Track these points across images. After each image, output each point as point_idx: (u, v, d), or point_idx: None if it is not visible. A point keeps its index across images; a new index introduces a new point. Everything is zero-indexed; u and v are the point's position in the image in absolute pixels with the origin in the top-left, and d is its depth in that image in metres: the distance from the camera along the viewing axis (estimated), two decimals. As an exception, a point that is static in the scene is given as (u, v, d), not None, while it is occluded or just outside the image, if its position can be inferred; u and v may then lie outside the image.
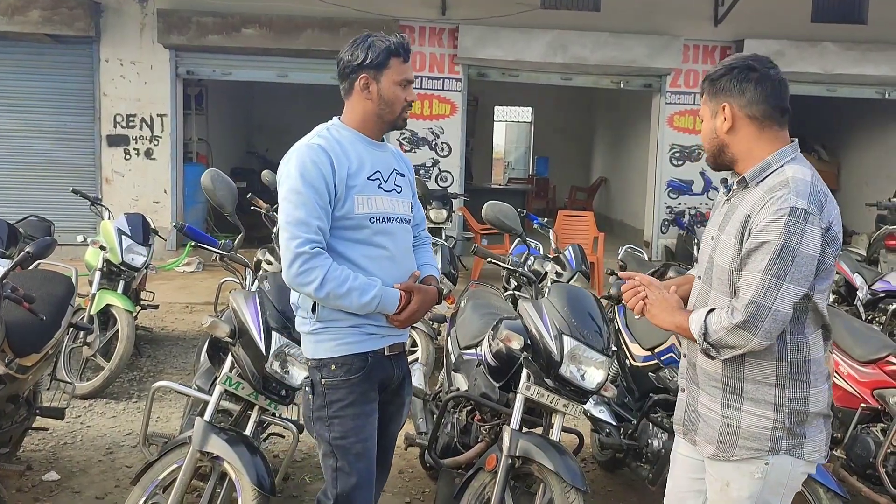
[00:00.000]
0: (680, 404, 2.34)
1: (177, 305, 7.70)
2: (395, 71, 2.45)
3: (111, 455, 4.20)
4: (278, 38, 9.82)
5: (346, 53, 2.46)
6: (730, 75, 2.09)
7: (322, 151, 2.37)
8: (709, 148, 2.18)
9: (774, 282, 1.93)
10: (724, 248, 2.09)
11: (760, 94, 2.06)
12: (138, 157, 10.19)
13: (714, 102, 2.12)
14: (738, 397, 2.11)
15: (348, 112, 2.53)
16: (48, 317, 3.44)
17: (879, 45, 10.42)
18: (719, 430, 2.14)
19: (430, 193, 8.81)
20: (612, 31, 10.29)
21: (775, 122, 2.08)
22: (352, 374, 2.44)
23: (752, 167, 2.08)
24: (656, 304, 2.22)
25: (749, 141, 2.09)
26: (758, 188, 2.05)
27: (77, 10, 9.62)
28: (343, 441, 2.44)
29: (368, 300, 2.37)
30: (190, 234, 3.27)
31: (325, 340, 2.44)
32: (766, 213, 1.96)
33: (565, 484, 2.71)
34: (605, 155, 16.13)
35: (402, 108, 2.50)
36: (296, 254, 2.31)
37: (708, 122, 2.16)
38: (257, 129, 16.08)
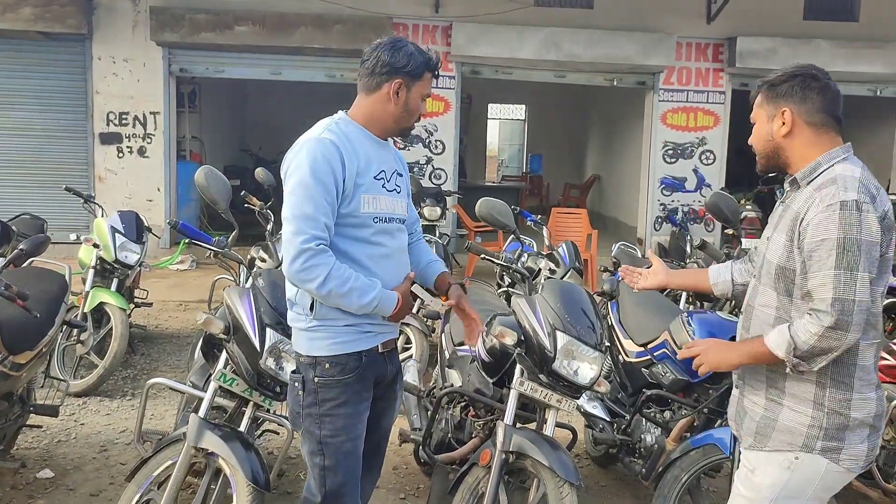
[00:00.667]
0: (733, 401, 2.38)
1: (171, 303, 7.69)
2: (425, 84, 2.48)
3: (105, 452, 4.20)
4: (271, 36, 9.81)
5: (385, 53, 2.43)
6: (792, 82, 2.15)
7: (333, 147, 2.35)
8: (762, 150, 2.24)
9: (849, 275, 1.96)
10: (775, 245, 2.15)
11: (821, 103, 2.13)
12: (131, 154, 10.16)
13: (772, 106, 2.18)
14: (779, 392, 2.16)
15: (362, 108, 2.50)
16: (42, 314, 3.44)
17: (871, 42, 10.47)
18: (758, 423, 2.20)
19: (424, 191, 8.82)
20: (605, 28, 10.31)
21: (832, 129, 2.16)
22: (346, 373, 2.42)
23: (803, 168, 2.15)
24: (710, 351, 2.25)
25: (805, 146, 2.15)
26: (808, 187, 2.11)
27: (69, 7, 9.59)
28: (333, 439, 2.43)
29: (368, 301, 2.36)
30: (184, 232, 3.27)
31: (320, 338, 2.42)
32: (816, 211, 2.01)
33: (559, 478, 2.72)
34: (598, 152, 16.15)
35: (415, 119, 2.54)
36: (301, 249, 2.28)
37: (763, 126, 2.21)
38: (251, 127, 16.06)
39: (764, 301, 2.19)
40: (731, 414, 2.39)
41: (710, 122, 10.87)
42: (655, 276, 2.72)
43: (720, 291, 2.58)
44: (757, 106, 2.24)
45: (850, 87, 10.96)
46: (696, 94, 10.81)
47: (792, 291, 2.11)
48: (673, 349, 3.56)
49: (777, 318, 2.15)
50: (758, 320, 2.22)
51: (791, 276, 2.10)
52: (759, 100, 2.23)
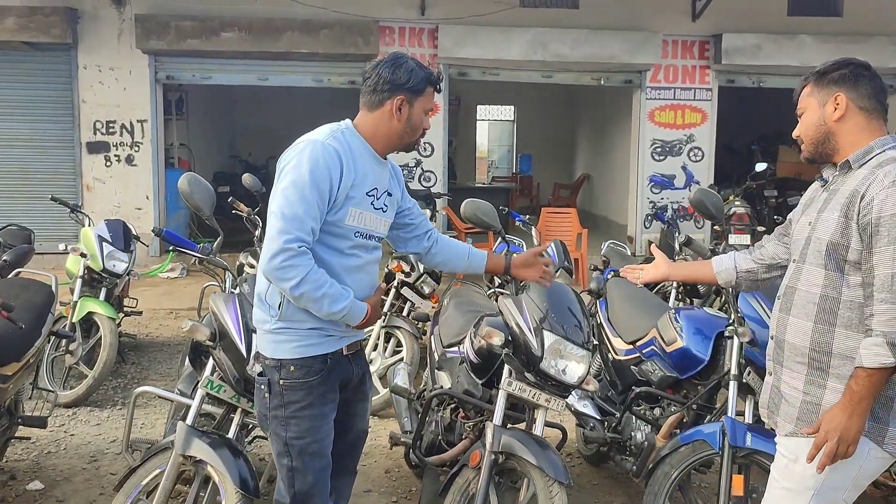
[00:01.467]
0: (766, 387, 2.37)
1: (161, 311, 7.66)
2: (427, 99, 2.51)
3: (95, 463, 4.18)
4: (258, 42, 9.79)
5: (386, 70, 2.46)
6: (845, 70, 2.21)
7: (336, 155, 2.36)
8: (813, 136, 2.25)
9: None
10: (825, 224, 2.15)
11: (872, 90, 2.20)
12: (119, 163, 10.13)
13: (824, 93, 2.22)
14: (823, 373, 2.14)
15: (366, 123, 2.51)
16: (27, 325, 3.42)
17: (855, 36, 10.52)
18: (799, 408, 2.18)
19: (414, 194, 8.74)
20: (591, 28, 10.33)
21: (881, 117, 2.21)
22: (311, 375, 2.44)
23: (856, 152, 2.17)
24: (836, 431, 2.03)
25: (856, 131, 2.18)
26: (862, 169, 2.13)
27: (53, 16, 9.55)
28: (300, 441, 2.45)
29: (337, 310, 2.38)
30: (168, 239, 3.26)
31: (284, 341, 2.44)
32: (880, 186, 2.02)
33: (548, 478, 2.72)
34: (587, 152, 16.19)
35: (420, 134, 2.56)
36: (282, 248, 2.28)
37: (815, 112, 2.24)
38: (240, 133, 16.03)
39: (810, 280, 2.18)
40: (762, 401, 2.38)
41: (697, 119, 10.90)
42: (658, 269, 2.78)
43: (724, 280, 2.61)
44: (806, 95, 2.27)
45: (835, 81, 11.02)
46: (683, 91, 10.85)
47: (843, 267, 2.11)
48: (661, 346, 3.57)
49: (822, 297, 2.14)
50: (801, 300, 2.20)
51: (843, 251, 2.10)
52: (807, 90, 2.28)
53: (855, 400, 2.02)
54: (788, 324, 2.23)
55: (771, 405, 2.32)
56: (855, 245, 2.08)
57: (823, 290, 2.14)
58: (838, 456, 2.03)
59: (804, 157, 2.31)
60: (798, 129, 2.30)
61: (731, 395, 3.09)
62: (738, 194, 9.42)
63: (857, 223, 2.06)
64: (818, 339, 2.14)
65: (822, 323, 2.14)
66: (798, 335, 2.19)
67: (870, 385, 2.00)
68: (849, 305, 2.10)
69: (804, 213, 2.32)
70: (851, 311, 2.10)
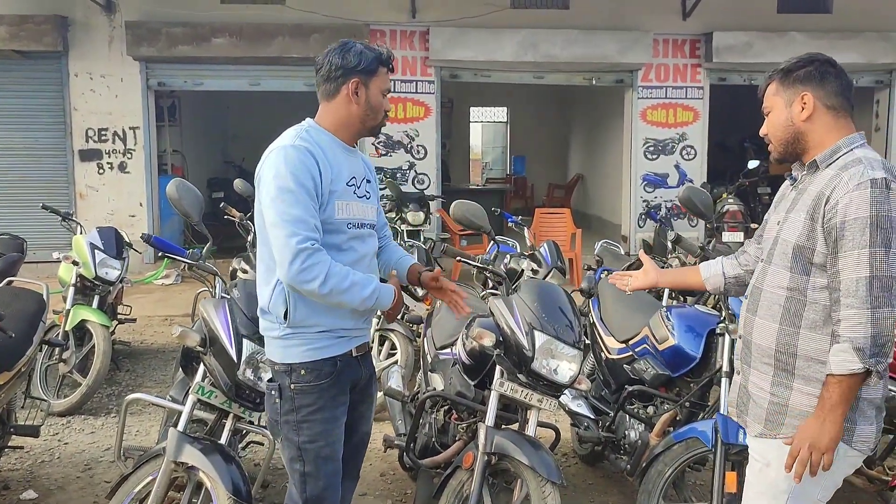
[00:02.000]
0: (734, 386, 2.36)
1: (156, 318, 7.65)
2: (382, 79, 2.49)
3: (90, 471, 4.17)
4: (249, 47, 9.79)
5: (336, 56, 2.46)
6: (810, 67, 2.16)
7: (308, 154, 2.36)
8: (782, 136, 2.20)
9: (885, 252, 1.96)
10: (792, 225, 2.12)
11: (839, 87, 2.14)
12: (112, 170, 10.12)
13: (790, 92, 2.17)
14: (789, 374, 2.13)
15: (327, 114, 2.51)
16: (18, 334, 3.41)
17: (845, 33, 10.55)
18: (766, 409, 2.17)
19: (407, 196, 8.82)
20: (581, 28, 10.35)
21: (847, 114, 2.16)
22: (321, 378, 2.43)
23: (823, 151, 2.13)
24: (809, 441, 2.02)
25: (824, 130, 2.14)
26: (829, 169, 2.09)
27: (44, 25, 9.55)
28: (312, 445, 2.44)
29: (369, 294, 2.37)
30: (157, 245, 3.25)
31: (294, 346, 2.42)
32: (845, 189, 1.99)
33: (541, 478, 2.72)
34: (580, 152, 16.20)
35: (382, 115, 2.54)
36: (298, 250, 2.26)
37: (782, 112, 2.19)
38: (233, 139, 15.99)
39: (775, 282, 2.16)
40: (731, 399, 2.36)
41: (689, 118, 10.92)
42: (647, 276, 2.71)
43: (713, 286, 2.57)
44: (772, 94, 2.22)
45: (826, 78, 11.06)
46: (674, 90, 10.86)
47: (809, 270, 2.09)
48: (654, 344, 3.57)
49: (788, 298, 2.12)
50: (767, 301, 2.19)
51: (809, 254, 2.08)
52: (772, 88, 2.22)
53: (826, 408, 2.00)
54: (755, 324, 2.22)
55: (739, 404, 2.30)
56: (820, 248, 2.05)
57: (789, 291, 2.13)
58: (813, 465, 2.01)
59: (773, 157, 2.27)
60: (765, 128, 2.25)
61: (723, 392, 3.09)
62: (731, 192, 9.43)
63: (822, 226, 2.04)
64: (783, 340, 2.13)
65: (788, 325, 2.13)
66: (764, 336, 2.18)
67: (840, 392, 1.99)
68: (814, 307, 2.09)
69: (775, 211, 2.30)
70: (816, 314, 2.08)
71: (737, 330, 3.05)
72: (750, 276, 2.41)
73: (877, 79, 11.13)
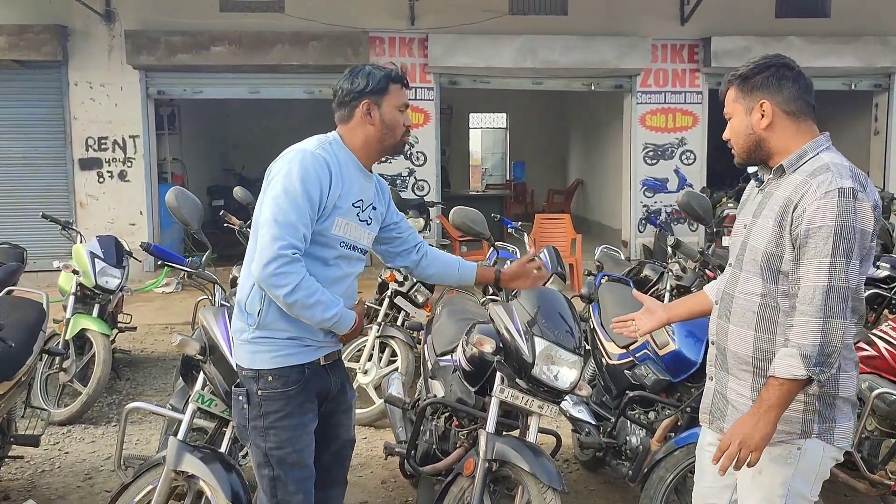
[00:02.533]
0: (707, 393, 2.35)
1: (156, 327, 7.64)
2: (395, 96, 2.52)
3: (90, 480, 4.16)
4: (248, 55, 9.81)
5: (346, 82, 2.51)
6: (766, 73, 2.14)
7: (325, 164, 2.40)
8: (744, 144, 2.20)
9: (845, 262, 1.96)
10: (759, 231, 2.12)
11: (797, 91, 2.13)
12: (112, 179, 10.13)
13: (749, 99, 2.16)
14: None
15: (349, 136, 2.55)
16: (18, 343, 3.41)
17: (843, 37, 10.58)
18: None
19: (407, 203, 8.81)
20: (580, 34, 10.38)
21: (809, 118, 2.15)
22: (289, 385, 2.45)
23: (789, 156, 2.13)
24: (741, 437, 2.03)
25: (787, 136, 2.13)
26: (796, 174, 2.09)
27: (44, 34, 9.57)
28: (279, 451, 2.46)
29: (329, 317, 2.40)
30: (156, 254, 3.26)
31: (262, 351, 2.45)
32: (813, 197, 1.99)
33: (542, 485, 2.71)
34: (580, 157, 16.22)
35: (402, 132, 2.56)
36: (277, 254, 2.29)
37: (742, 119, 2.18)
38: (233, 147, 16.02)
39: (748, 288, 2.16)
40: (704, 406, 2.35)
41: (688, 123, 10.94)
42: (654, 317, 2.58)
43: None
44: (731, 101, 2.21)
45: (824, 81, 11.07)
46: (673, 95, 10.88)
47: (777, 278, 2.09)
48: (654, 350, 3.57)
49: (762, 305, 2.12)
50: (740, 308, 2.18)
51: (777, 262, 2.08)
52: (732, 94, 2.21)
53: (763, 407, 2.02)
54: (729, 332, 2.21)
55: (714, 410, 2.29)
56: (788, 255, 2.06)
57: (762, 298, 2.13)
58: (740, 461, 2.02)
59: (737, 162, 2.27)
60: (727, 133, 2.24)
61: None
62: (730, 196, 9.44)
63: (790, 233, 2.04)
64: (760, 347, 2.14)
65: (763, 332, 2.13)
66: (740, 344, 2.18)
67: (779, 394, 2.00)
68: (787, 314, 2.09)
69: (741, 213, 2.29)
70: (790, 319, 2.07)
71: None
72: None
73: (875, 82, 11.15)
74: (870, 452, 3.45)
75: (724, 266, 2.42)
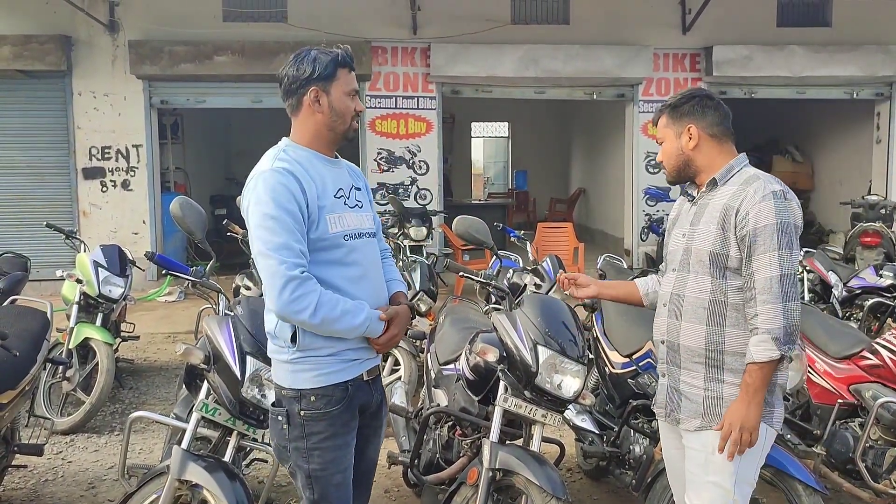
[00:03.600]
0: (661, 389, 2.57)
1: (159, 336, 7.65)
2: (343, 82, 2.42)
3: (93, 490, 4.16)
4: (251, 65, 9.84)
5: (291, 69, 2.42)
6: (692, 102, 2.49)
7: (289, 174, 2.30)
8: (674, 164, 2.53)
9: (789, 253, 2.28)
10: (701, 236, 2.41)
11: (718, 117, 2.48)
12: (115, 188, 10.15)
13: (678, 125, 2.50)
14: (719, 370, 2.39)
15: (298, 130, 2.46)
16: (22, 353, 3.41)
17: (845, 46, 10.60)
18: (703, 404, 2.42)
19: (409, 212, 8.83)
20: (582, 43, 10.41)
21: (729, 139, 2.50)
22: (332, 405, 2.35)
23: (720, 170, 2.45)
24: (738, 422, 2.31)
25: (711, 155, 2.47)
26: (728, 185, 2.42)
27: (48, 44, 9.62)
28: (323, 473, 2.37)
29: (360, 323, 2.32)
30: (160, 263, 3.26)
31: (304, 370, 2.35)
32: (752, 202, 2.30)
33: (546, 494, 2.70)
34: (582, 166, 16.24)
35: (351, 118, 2.45)
36: (287, 278, 2.21)
37: (673, 143, 2.51)
38: (235, 156, 16.04)
39: (698, 287, 2.42)
40: (659, 402, 2.58)
41: (690, 132, 10.92)
42: (587, 289, 2.85)
43: (650, 302, 2.76)
44: (663, 127, 2.54)
45: (826, 90, 11.11)
46: (675, 104, 10.87)
47: (725, 274, 2.37)
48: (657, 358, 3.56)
49: (711, 301, 2.39)
50: (691, 306, 2.43)
51: (724, 260, 2.36)
52: (663, 121, 2.54)
53: (751, 392, 2.30)
54: (681, 329, 2.46)
55: (669, 404, 2.52)
56: (734, 254, 2.35)
57: (711, 294, 2.40)
58: (743, 444, 2.31)
59: (668, 180, 2.59)
60: (660, 156, 2.57)
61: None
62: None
63: (735, 235, 2.33)
64: (712, 339, 2.40)
65: (714, 325, 2.39)
66: (692, 338, 2.43)
67: (761, 377, 2.29)
68: (735, 307, 2.37)
69: (675, 226, 2.58)
70: (738, 312, 2.36)
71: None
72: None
73: (877, 91, 11.16)
74: (874, 462, 3.45)
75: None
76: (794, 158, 13.71)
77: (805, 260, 6.49)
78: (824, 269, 6.13)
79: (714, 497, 2.38)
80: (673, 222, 2.62)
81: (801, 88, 11.06)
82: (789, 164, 13.63)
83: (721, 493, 2.37)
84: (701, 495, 2.41)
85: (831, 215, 12.53)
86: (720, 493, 2.37)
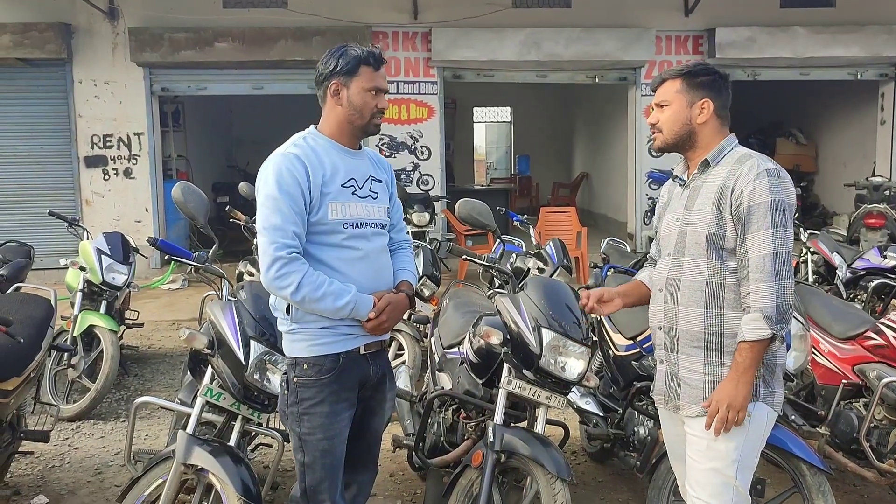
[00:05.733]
0: (660, 375, 2.52)
1: (163, 323, 7.67)
2: (364, 78, 2.53)
3: (100, 475, 4.18)
4: (251, 51, 9.81)
5: (321, 63, 2.58)
6: (713, 76, 2.43)
7: (297, 160, 2.45)
8: (677, 132, 2.43)
9: (783, 231, 2.25)
10: (698, 217, 2.36)
11: (728, 99, 2.46)
12: (117, 176, 10.15)
13: (693, 95, 2.41)
14: (719, 353, 2.35)
15: (324, 120, 2.61)
16: (27, 340, 3.42)
17: (848, 26, 10.51)
18: (703, 388, 2.37)
19: (412, 197, 8.82)
20: (584, 26, 10.34)
21: (727, 123, 2.48)
22: (322, 374, 2.50)
23: (711, 152, 2.42)
24: (727, 400, 2.27)
25: (712, 134, 2.43)
26: (720, 166, 2.39)
27: (48, 32, 9.59)
28: (311, 437, 2.51)
29: (342, 305, 2.44)
30: (163, 248, 3.27)
31: (299, 340, 2.52)
32: (746, 180, 2.27)
33: (550, 475, 2.72)
34: (585, 150, 16.19)
35: (371, 114, 2.56)
36: (274, 257, 2.39)
37: (682, 110, 2.42)
38: (237, 143, 16.04)
39: (694, 270, 2.37)
40: (658, 389, 2.52)
41: (693, 114, 10.88)
42: (612, 303, 2.67)
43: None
44: (674, 91, 2.42)
45: (830, 71, 11.04)
46: (678, 86, 10.82)
47: (722, 255, 2.33)
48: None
49: (709, 284, 2.34)
50: (688, 289, 2.38)
51: (720, 240, 2.32)
52: (676, 86, 2.42)
53: (740, 370, 2.26)
54: (679, 313, 2.40)
55: (668, 391, 2.47)
56: (730, 234, 2.31)
57: (708, 277, 2.35)
58: (730, 422, 2.27)
59: (658, 146, 2.48)
60: (657, 118, 2.46)
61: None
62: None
63: (731, 214, 2.29)
64: (711, 322, 2.35)
65: (712, 308, 2.35)
66: (691, 322, 2.38)
67: (751, 356, 2.25)
68: (732, 289, 2.33)
69: (667, 211, 2.53)
70: (735, 293, 2.32)
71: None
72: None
73: (881, 72, 11.08)
74: (878, 442, 3.45)
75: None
76: (798, 140, 13.64)
77: (809, 242, 6.48)
78: (828, 250, 6.11)
79: (716, 483, 2.35)
80: (664, 208, 2.57)
81: (805, 70, 10.99)
82: (793, 147, 13.56)
83: (722, 480, 2.34)
84: (702, 482, 2.38)
85: (835, 197, 12.48)
86: (721, 480, 2.34)
